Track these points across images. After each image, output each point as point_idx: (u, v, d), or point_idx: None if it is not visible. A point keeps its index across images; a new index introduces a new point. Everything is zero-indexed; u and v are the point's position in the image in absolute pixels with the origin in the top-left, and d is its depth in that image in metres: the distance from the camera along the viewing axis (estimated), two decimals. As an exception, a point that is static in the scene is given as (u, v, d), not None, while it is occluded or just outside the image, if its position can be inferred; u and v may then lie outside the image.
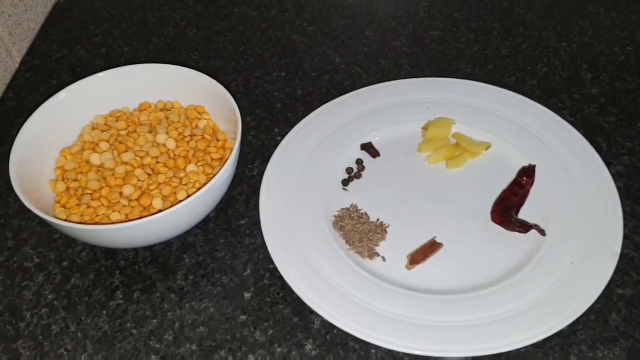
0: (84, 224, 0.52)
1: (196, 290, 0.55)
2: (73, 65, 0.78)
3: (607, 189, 0.57)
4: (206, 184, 0.52)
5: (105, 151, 0.59)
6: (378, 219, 0.58)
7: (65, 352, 0.51)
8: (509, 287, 0.52)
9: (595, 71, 0.72)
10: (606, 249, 0.53)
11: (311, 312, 0.52)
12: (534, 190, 0.59)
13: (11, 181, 0.52)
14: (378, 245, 0.57)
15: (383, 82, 0.70)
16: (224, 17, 0.84)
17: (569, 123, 0.64)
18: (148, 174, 0.57)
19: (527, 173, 0.60)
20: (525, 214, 0.58)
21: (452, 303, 0.51)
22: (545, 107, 0.65)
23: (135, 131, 0.61)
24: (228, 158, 0.54)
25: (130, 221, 0.49)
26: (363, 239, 0.56)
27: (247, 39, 0.80)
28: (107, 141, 0.60)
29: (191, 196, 0.50)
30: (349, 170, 0.63)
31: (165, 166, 0.58)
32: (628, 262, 0.54)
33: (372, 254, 0.56)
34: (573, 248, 0.54)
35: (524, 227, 0.56)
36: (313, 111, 0.67)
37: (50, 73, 0.77)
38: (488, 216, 0.58)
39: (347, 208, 0.59)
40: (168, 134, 0.60)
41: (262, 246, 0.57)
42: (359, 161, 0.64)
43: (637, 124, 0.66)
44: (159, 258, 0.57)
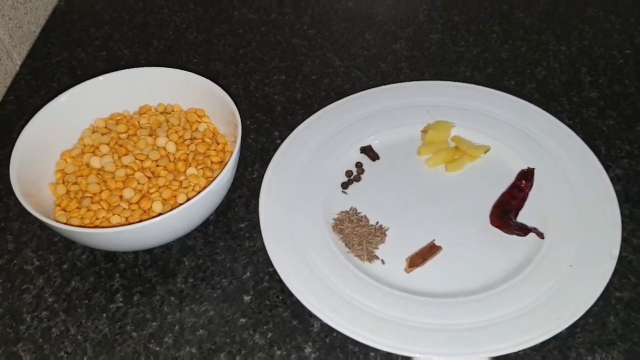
0: (84, 227, 0.52)
1: (196, 293, 0.55)
2: (74, 68, 0.78)
3: (606, 192, 0.57)
4: (206, 188, 0.52)
5: (105, 154, 0.59)
6: (377, 222, 0.59)
7: (65, 355, 0.51)
8: (508, 290, 0.52)
9: (594, 75, 0.72)
10: (604, 252, 0.53)
11: (310, 315, 0.53)
12: (533, 193, 0.59)
13: (12, 184, 0.52)
14: (377, 248, 0.57)
15: (383, 86, 0.70)
16: (224, 21, 0.84)
17: (568, 126, 0.64)
18: (148, 177, 0.57)
19: (526, 176, 0.60)
20: (524, 217, 0.58)
21: (451, 306, 0.51)
22: (544, 111, 0.66)
23: (135, 134, 0.61)
24: (228, 161, 0.54)
25: (130, 224, 0.49)
26: (362, 242, 0.56)
27: (247, 42, 0.80)
28: (108, 144, 0.60)
29: (191, 199, 0.51)
30: (349, 173, 0.63)
31: (165, 169, 0.58)
32: (626, 265, 0.54)
33: (372, 257, 0.56)
34: (571, 251, 0.54)
35: (523, 231, 0.56)
36: (313, 114, 0.67)
37: (50, 76, 0.77)
38: (487, 219, 0.58)
39: (347, 211, 0.59)
40: (168, 137, 0.60)
41: (262, 249, 0.57)
42: (359, 164, 0.64)
43: (636, 128, 0.66)
44: (159, 261, 0.57)
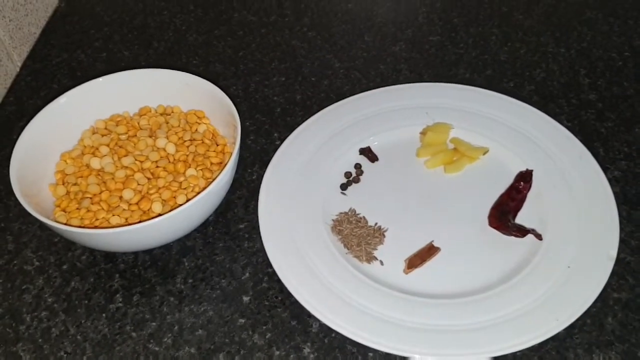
0: (84, 228, 0.52)
1: (195, 293, 0.55)
2: (74, 69, 0.78)
3: (604, 194, 0.57)
4: (205, 188, 0.52)
5: (105, 155, 0.59)
6: (376, 223, 0.59)
7: (65, 355, 0.51)
8: (506, 291, 0.52)
9: (593, 77, 0.73)
10: (602, 254, 0.53)
11: (309, 316, 0.53)
12: (531, 195, 0.60)
13: (12, 185, 0.52)
14: (376, 249, 0.57)
15: (382, 87, 0.71)
16: (224, 22, 0.84)
17: (567, 128, 0.64)
18: (148, 178, 0.57)
19: (525, 178, 0.60)
20: (522, 219, 0.58)
21: (450, 307, 0.52)
22: (543, 113, 0.66)
23: (135, 136, 0.61)
24: (227, 162, 0.54)
25: (130, 225, 0.49)
26: (361, 243, 0.57)
27: (247, 44, 0.80)
28: (108, 145, 0.60)
29: (190, 200, 0.51)
30: (348, 174, 0.63)
31: (165, 170, 0.58)
32: (624, 267, 0.54)
33: (370, 258, 0.56)
34: (570, 252, 0.54)
35: (521, 232, 0.56)
36: (312, 116, 0.67)
37: (50, 77, 0.77)
38: (486, 221, 0.58)
39: (346, 212, 0.60)
40: (168, 139, 0.60)
41: (261, 250, 0.57)
42: (358, 166, 0.64)
43: (635, 130, 0.66)
44: (159, 262, 0.58)
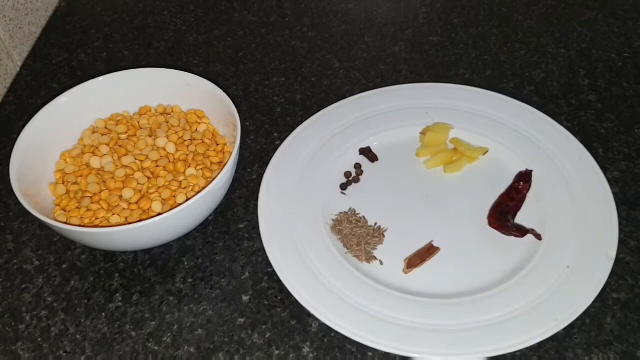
0: (84, 227, 0.52)
1: (194, 292, 0.55)
2: (74, 69, 0.79)
3: (603, 194, 0.58)
4: (205, 188, 0.52)
5: (105, 154, 0.59)
6: (376, 223, 0.59)
7: (64, 354, 0.51)
8: (505, 291, 0.52)
9: (592, 77, 0.73)
10: (601, 254, 0.53)
11: (309, 315, 0.53)
12: (531, 195, 0.60)
13: (11, 184, 0.52)
14: (375, 249, 0.57)
15: (382, 87, 0.71)
16: (224, 22, 0.84)
17: (566, 129, 0.64)
18: (148, 178, 0.57)
19: (524, 178, 0.60)
20: (521, 219, 0.58)
21: (449, 306, 0.52)
22: (542, 113, 0.66)
23: (135, 135, 0.61)
24: (227, 162, 0.54)
25: (129, 224, 0.49)
26: (361, 243, 0.57)
27: (247, 44, 0.80)
28: (107, 145, 0.60)
29: (190, 199, 0.51)
30: (347, 174, 0.63)
31: (164, 170, 0.58)
32: (623, 267, 0.54)
33: (370, 258, 0.56)
34: (569, 252, 0.54)
35: (521, 232, 0.56)
36: (312, 116, 0.67)
37: (50, 77, 0.78)
38: (485, 220, 0.58)
39: (345, 212, 0.60)
40: (168, 138, 0.60)
41: (261, 249, 0.57)
42: (358, 165, 0.64)
43: (634, 130, 0.66)
44: (158, 261, 0.58)
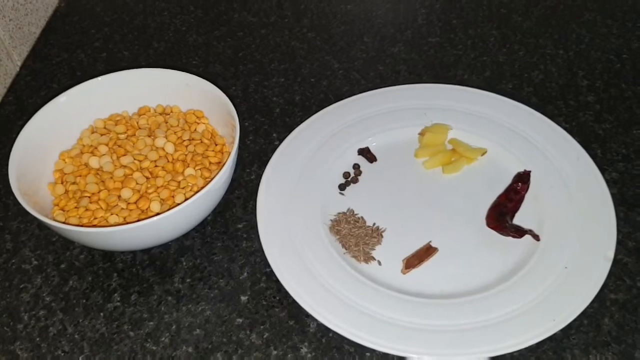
0: (82, 227, 0.52)
1: (193, 293, 0.55)
2: (73, 69, 0.79)
3: (602, 195, 0.58)
4: (204, 188, 0.52)
5: (104, 155, 0.59)
6: (374, 224, 0.59)
7: (62, 354, 0.52)
8: (504, 292, 0.52)
9: (591, 78, 0.73)
10: (600, 255, 0.53)
11: (307, 316, 0.53)
12: (529, 196, 0.60)
13: (10, 184, 0.52)
14: (374, 249, 0.57)
15: (381, 88, 0.71)
16: (224, 23, 0.84)
17: (565, 130, 0.64)
18: (146, 178, 0.57)
19: (523, 179, 0.60)
20: (520, 220, 0.58)
21: (447, 307, 0.52)
22: (541, 114, 0.66)
23: (134, 135, 0.61)
24: (226, 162, 0.54)
25: (128, 224, 0.49)
26: (359, 243, 0.57)
27: (247, 45, 0.80)
28: (106, 145, 0.60)
29: (189, 200, 0.51)
30: (346, 175, 0.63)
31: (163, 170, 0.58)
32: (621, 268, 0.55)
33: (368, 258, 0.56)
34: (567, 253, 0.54)
35: (519, 233, 0.56)
36: (311, 116, 0.67)
37: (50, 77, 0.78)
38: (483, 221, 0.58)
39: (344, 212, 0.60)
40: (167, 138, 0.60)
41: (259, 250, 0.57)
42: (356, 166, 0.64)
43: (632, 131, 0.66)
44: (157, 261, 0.58)
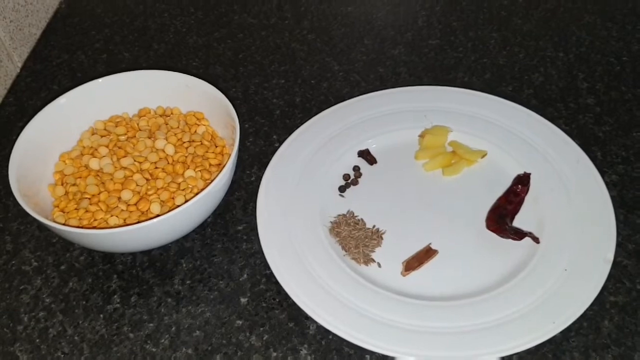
0: (82, 228, 0.52)
1: (193, 294, 0.55)
2: (74, 70, 0.79)
3: (601, 198, 0.58)
4: (204, 190, 0.52)
5: (104, 156, 0.59)
6: (374, 226, 0.59)
7: (62, 356, 0.52)
8: (503, 294, 0.52)
9: (591, 81, 0.73)
10: (599, 257, 0.53)
11: (307, 318, 0.53)
12: (529, 198, 0.60)
13: (10, 185, 0.52)
14: (374, 251, 0.57)
15: (381, 90, 0.71)
16: (224, 25, 0.84)
17: (565, 132, 0.64)
18: (147, 179, 0.57)
19: (522, 181, 0.60)
20: (519, 222, 0.58)
21: (447, 309, 0.52)
22: (541, 116, 0.66)
23: (134, 137, 0.61)
24: (226, 164, 0.54)
25: (128, 226, 0.49)
26: (359, 245, 0.57)
27: (247, 47, 0.81)
28: (107, 146, 0.60)
29: (189, 201, 0.51)
30: (346, 176, 0.63)
31: (163, 171, 0.58)
32: (621, 270, 0.55)
33: (368, 260, 0.56)
34: (566, 256, 0.54)
35: (519, 235, 0.56)
36: (311, 118, 0.67)
37: (51, 78, 0.78)
38: (483, 224, 0.58)
39: (344, 214, 0.60)
40: (167, 140, 0.60)
41: (259, 252, 0.57)
42: (356, 168, 0.64)
43: (632, 134, 0.66)
44: (157, 262, 0.58)
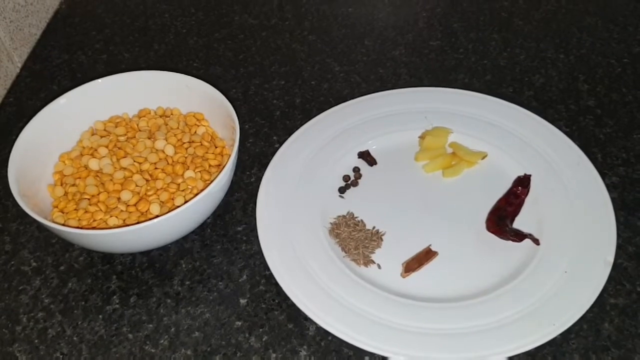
0: (82, 229, 0.52)
1: (192, 295, 0.55)
2: (74, 71, 0.79)
3: (602, 200, 0.58)
4: (204, 190, 0.52)
5: (104, 157, 0.59)
6: (374, 227, 0.59)
7: (61, 356, 0.51)
8: (503, 296, 0.52)
9: (592, 83, 0.73)
10: (600, 259, 0.53)
11: (306, 319, 0.53)
12: (529, 199, 0.60)
13: (10, 185, 0.52)
14: (374, 252, 0.57)
15: (381, 91, 0.71)
16: (225, 25, 0.84)
17: (565, 134, 0.64)
18: (146, 180, 0.57)
19: (523, 183, 0.60)
20: (520, 224, 0.58)
21: (446, 311, 0.52)
22: (541, 118, 0.66)
23: (134, 137, 0.61)
24: (226, 164, 0.54)
25: (127, 226, 0.49)
26: (359, 247, 0.57)
27: (247, 47, 0.81)
28: (106, 147, 0.60)
29: (188, 202, 0.51)
30: (346, 178, 0.63)
31: (163, 172, 0.58)
32: (621, 272, 0.54)
33: (368, 262, 0.56)
34: (566, 257, 0.54)
35: (519, 237, 0.56)
36: (311, 119, 0.67)
37: (50, 78, 0.78)
38: (483, 225, 0.58)
39: (344, 215, 0.60)
40: (167, 141, 0.60)
41: (259, 253, 0.57)
42: (356, 169, 0.64)
43: (633, 136, 0.66)
44: (156, 263, 0.58)
